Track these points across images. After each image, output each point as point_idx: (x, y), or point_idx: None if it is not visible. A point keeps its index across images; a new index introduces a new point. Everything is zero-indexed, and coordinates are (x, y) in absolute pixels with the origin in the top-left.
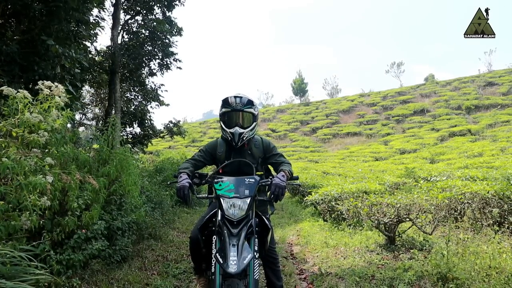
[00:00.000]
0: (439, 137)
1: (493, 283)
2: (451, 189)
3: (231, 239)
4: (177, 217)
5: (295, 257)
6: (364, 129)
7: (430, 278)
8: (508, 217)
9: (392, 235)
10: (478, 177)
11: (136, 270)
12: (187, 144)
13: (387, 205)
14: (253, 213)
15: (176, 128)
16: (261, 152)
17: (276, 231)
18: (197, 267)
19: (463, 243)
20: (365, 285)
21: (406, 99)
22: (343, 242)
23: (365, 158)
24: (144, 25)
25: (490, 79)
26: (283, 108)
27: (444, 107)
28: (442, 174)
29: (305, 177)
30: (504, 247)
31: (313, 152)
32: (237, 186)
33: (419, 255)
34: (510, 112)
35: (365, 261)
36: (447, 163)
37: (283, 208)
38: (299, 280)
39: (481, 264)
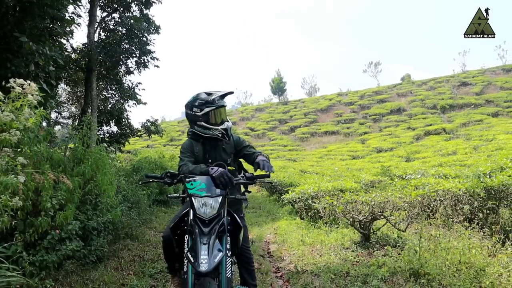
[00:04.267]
0: (415, 136)
1: (463, 277)
2: (424, 186)
3: (202, 238)
4: (154, 217)
5: (272, 255)
6: (342, 128)
7: (403, 274)
8: (478, 213)
9: (367, 232)
10: (451, 175)
11: (112, 270)
12: (165, 143)
13: (362, 203)
14: (225, 212)
15: (154, 127)
16: (232, 148)
17: (253, 229)
18: (171, 267)
19: (434, 239)
20: (340, 282)
21: (383, 98)
22: (319, 240)
23: (343, 156)
24: (121, 22)
25: (464, 79)
26: (261, 107)
27: (420, 106)
28: (416, 172)
29: (282, 176)
30: (473, 243)
31: (291, 151)
32: (209, 185)
33: (393, 251)
34: (483, 112)
35: (340, 258)
36: (422, 161)
37: (261, 206)
38: (275, 278)
39: (451, 259)
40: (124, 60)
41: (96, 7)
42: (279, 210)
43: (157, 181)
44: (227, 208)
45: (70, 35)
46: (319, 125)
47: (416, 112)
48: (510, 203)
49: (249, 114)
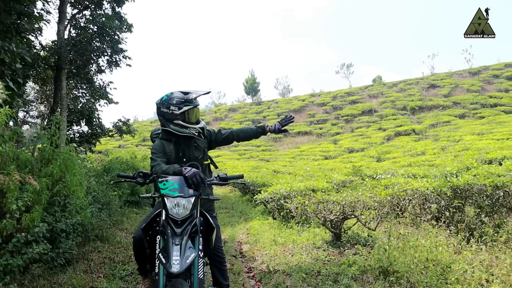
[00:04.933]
0: (386, 137)
1: (430, 274)
2: (393, 186)
3: (174, 238)
4: (125, 218)
5: (244, 256)
6: (315, 129)
7: (373, 272)
8: (445, 212)
9: (338, 231)
10: (419, 174)
11: (81, 273)
12: (138, 143)
13: (333, 203)
14: (197, 212)
15: (125, 127)
16: (205, 142)
17: (226, 230)
18: (142, 268)
19: (403, 237)
20: (311, 281)
21: (355, 99)
22: (291, 240)
23: (315, 157)
24: (92, 20)
25: (433, 82)
26: (235, 107)
27: (391, 108)
28: (387, 172)
29: (255, 176)
30: (440, 241)
31: (264, 151)
32: (182, 185)
33: (363, 250)
34: (450, 113)
35: (312, 257)
36: (393, 161)
37: (234, 207)
38: (247, 278)
39: (419, 257)
40: (95, 58)
41: (66, 4)
42: (252, 210)
43: (129, 181)
44: (199, 209)
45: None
46: (292, 125)
47: (387, 113)
48: (475, 202)
49: (223, 114)
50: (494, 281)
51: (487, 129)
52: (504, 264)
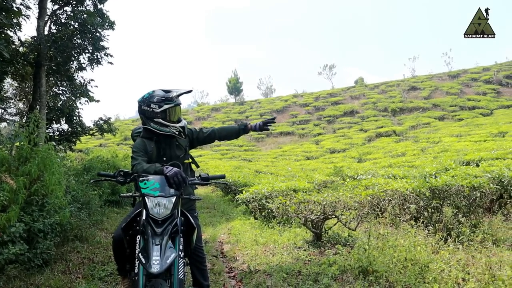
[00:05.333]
0: (367, 138)
1: (408, 274)
2: (374, 186)
3: (154, 238)
4: (105, 218)
5: (225, 256)
6: (297, 129)
7: (353, 271)
8: (424, 212)
9: (318, 231)
10: (399, 175)
11: (59, 274)
12: (119, 142)
13: (314, 203)
14: (178, 212)
15: (106, 125)
16: (186, 141)
17: (207, 230)
18: (121, 268)
19: (382, 237)
20: (292, 281)
21: (337, 100)
22: (272, 240)
23: (297, 157)
24: (73, 16)
25: (413, 84)
26: (218, 106)
27: (372, 109)
28: (367, 172)
29: (237, 176)
30: (418, 240)
31: (246, 151)
32: (163, 185)
33: (343, 250)
34: (430, 115)
35: (292, 257)
36: (373, 162)
37: (215, 207)
38: (228, 278)
39: (398, 256)
40: (76, 55)
41: None
42: (233, 210)
43: (109, 180)
44: (180, 209)
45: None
46: (275, 125)
47: (369, 115)
48: (452, 202)
49: (205, 113)
50: (470, 280)
51: (465, 131)
52: (479, 263)
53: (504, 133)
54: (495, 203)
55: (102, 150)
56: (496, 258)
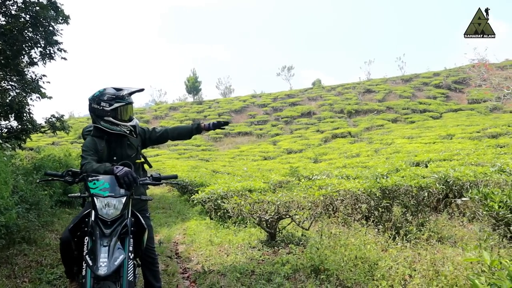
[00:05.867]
0: (323, 138)
1: (358, 272)
2: (327, 186)
3: (102, 239)
4: (56, 219)
5: (180, 256)
6: (255, 129)
7: (305, 270)
8: (374, 211)
9: (273, 231)
10: (352, 175)
11: (3, 278)
12: (73, 140)
13: (268, 203)
14: (128, 213)
15: (59, 123)
16: (138, 141)
17: (162, 230)
18: (69, 271)
19: (335, 237)
20: (245, 280)
21: (294, 101)
22: (227, 240)
23: (255, 157)
24: (25, 8)
25: (368, 87)
26: (176, 105)
27: (329, 111)
28: (322, 173)
29: (194, 176)
30: (368, 239)
31: (204, 151)
32: (113, 185)
33: (297, 249)
34: (384, 117)
35: (247, 257)
36: (329, 162)
37: (171, 207)
38: (182, 279)
39: (349, 255)
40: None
41: None
42: (189, 210)
43: (57, 180)
44: (131, 209)
45: None
46: (233, 125)
47: (325, 116)
48: (401, 202)
49: (163, 112)
50: (415, 276)
51: (416, 133)
52: (425, 260)
53: (452, 135)
54: (441, 202)
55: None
56: (440, 255)
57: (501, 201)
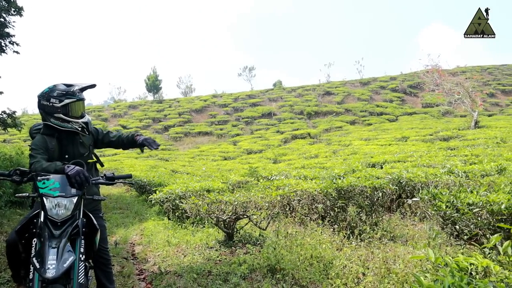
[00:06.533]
0: (283, 139)
1: (313, 270)
2: (285, 187)
3: (51, 241)
4: (6, 220)
5: (136, 257)
6: (215, 129)
7: (261, 270)
8: (330, 211)
9: (230, 231)
10: (309, 176)
11: None
12: (26, 138)
13: (225, 203)
14: (80, 213)
15: (11, 120)
16: (91, 140)
17: (119, 231)
18: (16, 275)
19: (291, 236)
20: (202, 281)
21: (255, 102)
22: (185, 240)
23: (215, 157)
24: None
25: (328, 89)
26: (135, 104)
27: (289, 112)
28: (281, 173)
29: (152, 176)
30: (324, 239)
31: (164, 150)
32: (63, 185)
33: (254, 249)
34: (342, 119)
35: (204, 257)
36: (288, 163)
37: (129, 207)
38: (138, 281)
39: (305, 254)
40: None
41: None
42: (147, 211)
43: (3, 179)
44: (83, 209)
45: None
46: (193, 125)
47: (285, 117)
48: (356, 202)
49: (122, 111)
50: (368, 274)
51: (373, 135)
52: (377, 258)
53: (407, 138)
54: (394, 203)
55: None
56: (392, 253)
57: (448, 201)
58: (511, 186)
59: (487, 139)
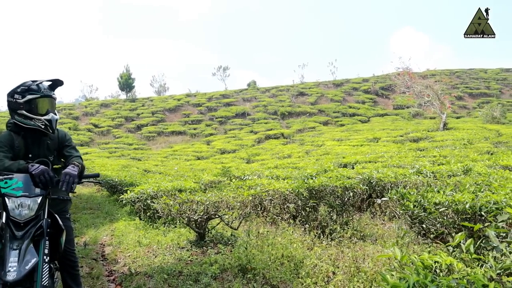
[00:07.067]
0: (257, 139)
1: (284, 270)
2: (256, 186)
3: (12, 242)
4: None
5: (106, 258)
6: (189, 129)
7: (233, 270)
8: (302, 211)
9: (202, 231)
10: (282, 176)
11: None
12: None
13: (197, 203)
14: (44, 213)
15: None
16: (56, 144)
17: (88, 231)
18: None
19: (262, 236)
20: (173, 282)
21: (229, 102)
22: (156, 240)
23: (188, 157)
24: None
25: (301, 90)
26: (108, 102)
27: (263, 112)
28: (254, 173)
29: (124, 175)
30: (295, 238)
31: (136, 150)
32: (27, 184)
33: (225, 249)
34: (316, 120)
35: (175, 258)
36: (261, 163)
37: (100, 207)
38: (107, 282)
39: (276, 254)
40: None
41: None
42: (118, 211)
43: None
44: (48, 209)
45: None
46: (167, 124)
47: (259, 117)
48: (327, 201)
49: (94, 109)
50: (338, 273)
51: (345, 136)
52: (347, 257)
53: (378, 138)
54: (365, 202)
55: None
56: (362, 252)
57: (416, 200)
58: (475, 186)
59: (454, 140)
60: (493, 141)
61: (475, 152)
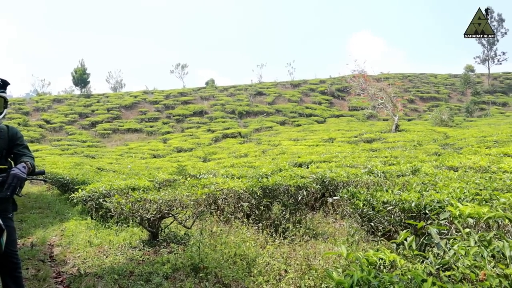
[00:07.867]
0: (214, 138)
1: (237, 268)
2: (211, 185)
3: None
4: None
5: (54, 259)
6: (145, 126)
7: (185, 269)
8: (255, 210)
9: (155, 230)
10: (237, 175)
11: None
12: None
13: (150, 202)
14: None
15: None
16: (6, 143)
17: (36, 232)
18: None
19: (215, 235)
20: (124, 282)
21: (187, 100)
22: (107, 240)
23: (144, 155)
24: None
25: (260, 89)
26: (61, 98)
27: (220, 111)
28: (209, 172)
29: (76, 173)
30: (248, 237)
31: (90, 147)
32: None
33: (178, 248)
34: (273, 120)
35: (126, 258)
36: (218, 162)
37: (49, 206)
38: (54, 284)
39: (229, 253)
40: None
41: None
42: (69, 210)
43: None
44: None
45: None
46: (122, 121)
47: (217, 116)
48: (281, 200)
49: (46, 104)
50: (290, 271)
51: (302, 136)
52: (299, 255)
53: (333, 139)
54: (318, 201)
55: None
56: (313, 250)
57: (365, 199)
58: (422, 186)
59: (405, 142)
60: (440, 143)
61: (424, 153)
